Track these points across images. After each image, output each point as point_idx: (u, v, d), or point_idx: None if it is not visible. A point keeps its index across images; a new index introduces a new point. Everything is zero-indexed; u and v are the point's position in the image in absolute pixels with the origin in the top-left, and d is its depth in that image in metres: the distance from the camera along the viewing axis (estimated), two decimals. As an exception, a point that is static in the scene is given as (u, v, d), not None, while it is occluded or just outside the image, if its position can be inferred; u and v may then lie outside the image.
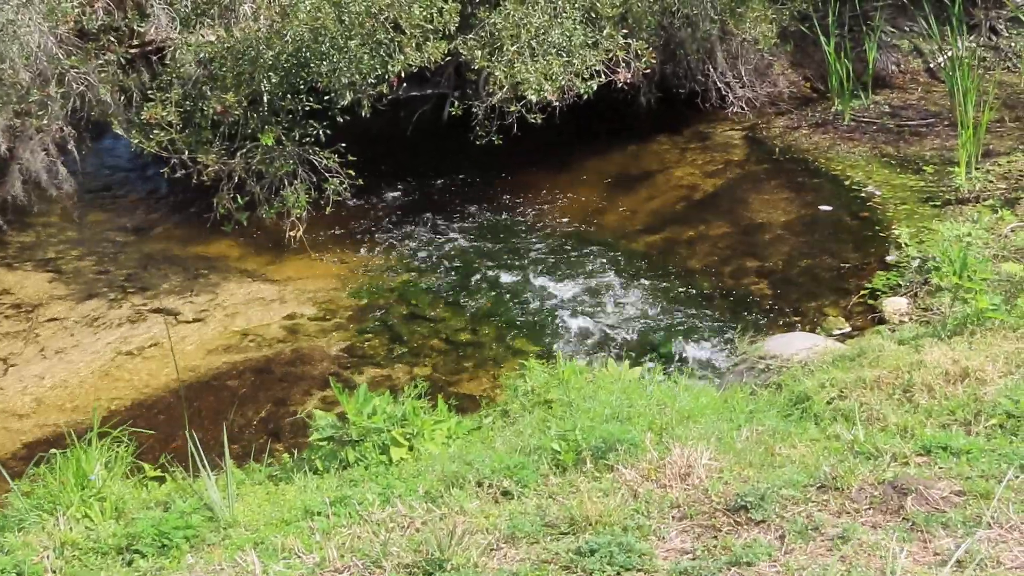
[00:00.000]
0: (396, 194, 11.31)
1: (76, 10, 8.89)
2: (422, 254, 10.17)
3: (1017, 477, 4.13)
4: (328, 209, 9.90)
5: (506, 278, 9.45)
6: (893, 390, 5.64)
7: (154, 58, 10.04)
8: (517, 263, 9.81)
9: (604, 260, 9.70)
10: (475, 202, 11.20)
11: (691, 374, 7.22)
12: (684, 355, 8.10)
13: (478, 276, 9.58)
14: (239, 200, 9.74)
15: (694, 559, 3.87)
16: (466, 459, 5.23)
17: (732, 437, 5.14)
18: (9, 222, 10.25)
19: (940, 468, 4.45)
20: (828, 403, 5.69)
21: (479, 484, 4.87)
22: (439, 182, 11.63)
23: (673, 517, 4.26)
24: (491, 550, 4.16)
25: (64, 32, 9.07)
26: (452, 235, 10.52)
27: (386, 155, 11.42)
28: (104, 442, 5.82)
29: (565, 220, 10.71)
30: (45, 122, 9.33)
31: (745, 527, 4.05)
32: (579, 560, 3.87)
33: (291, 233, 9.70)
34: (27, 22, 8.57)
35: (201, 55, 9.36)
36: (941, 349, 5.99)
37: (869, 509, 4.12)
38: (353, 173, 9.75)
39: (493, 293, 9.26)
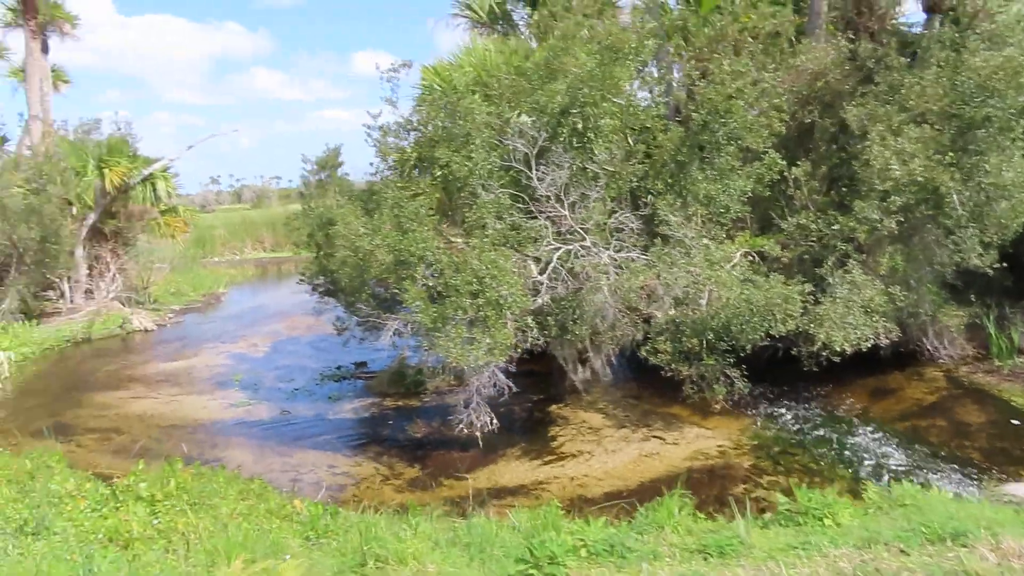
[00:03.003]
0: (762, 389, 11.34)
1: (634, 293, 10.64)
2: (782, 420, 10.62)
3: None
4: (736, 395, 10.45)
5: (831, 436, 9.89)
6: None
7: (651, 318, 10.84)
8: (834, 428, 10.12)
9: (883, 433, 9.85)
10: (802, 398, 11.39)
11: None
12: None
13: (818, 434, 9.99)
14: (694, 388, 10.37)
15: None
16: (871, 529, 5.50)
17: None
18: (585, 389, 11.81)
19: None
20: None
21: (886, 544, 5.13)
22: (783, 387, 11.65)
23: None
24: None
25: (614, 302, 10.28)
26: (799, 412, 10.87)
27: (758, 371, 10.95)
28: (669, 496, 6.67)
29: (855, 405, 10.84)
30: (607, 342, 10.94)
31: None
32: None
33: (716, 405, 10.47)
34: (599, 299, 10.30)
35: (678, 321, 10.23)
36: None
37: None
38: (745, 378, 10.28)
39: (825, 440, 9.70)
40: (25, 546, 7.05)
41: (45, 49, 22.43)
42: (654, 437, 10.35)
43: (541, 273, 10.70)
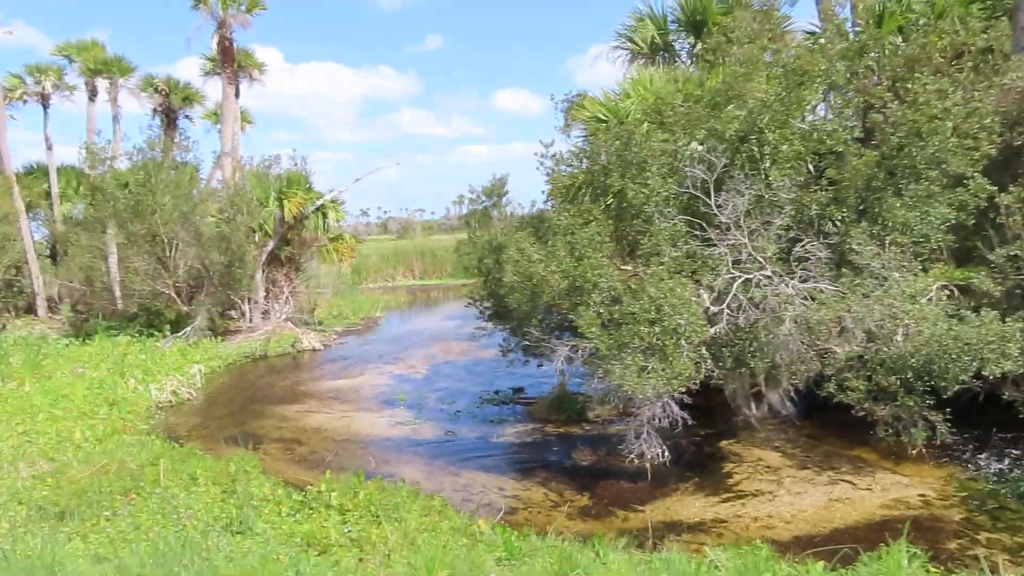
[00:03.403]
0: (962, 435, 10.03)
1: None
2: (989, 470, 9.46)
3: None
4: (937, 440, 9.55)
5: None
6: None
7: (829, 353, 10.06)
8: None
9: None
10: (1010, 447, 10.04)
11: None
12: None
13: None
14: (888, 430, 9.55)
15: None
16: None
17: None
18: (758, 425, 11.20)
19: None
20: None
21: None
22: (985, 433, 10.28)
23: None
24: None
25: (799, 335, 9.53)
26: (1009, 462, 9.65)
27: (956, 414, 9.53)
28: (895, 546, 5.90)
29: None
30: (785, 376, 10.30)
31: None
32: None
33: (912, 451, 9.66)
34: (783, 331, 9.63)
35: (866, 357, 9.42)
36: None
37: None
38: (947, 422, 9.41)
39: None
40: (235, 543, 7.45)
41: (237, 94, 24.73)
42: (842, 481, 9.54)
43: (715, 303, 10.27)
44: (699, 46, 16.16)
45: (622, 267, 10.93)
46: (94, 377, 16.13)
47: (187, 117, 28.74)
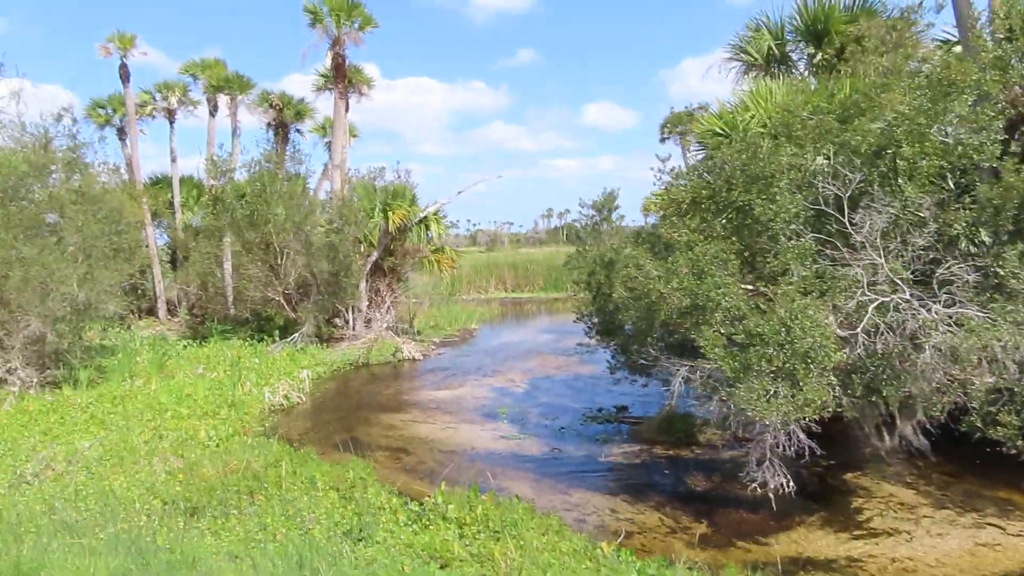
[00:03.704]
0: None
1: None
2: None
3: None
4: None
5: None
6: None
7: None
8: None
9: None
10: None
11: None
12: None
13: None
14: None
15: None
16: None
17: None
18: (887, 459, 10.58)
19: None
20: None
21: None
22: None
23: None
24: None
25: (943, 364, 8.97)
26: None
27: None
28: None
29: None
30: (922, 407, 9.40)
31: None
32: None
33: None
34: (923, 359, 9.02)
35: (1015, 390, 8.69)
36: None
37: None
38: None
39: None
40: (358, 552, 7.54)
41: (347, 108, 25.63)
42: (989, 524, 8.83)
43: (842, 326, 9.71)
44: (819, 56, 15.53)
45: (742, 285, 10.52)
46: (213, 378, 16.94)
47: (298, 131, 30.04)
